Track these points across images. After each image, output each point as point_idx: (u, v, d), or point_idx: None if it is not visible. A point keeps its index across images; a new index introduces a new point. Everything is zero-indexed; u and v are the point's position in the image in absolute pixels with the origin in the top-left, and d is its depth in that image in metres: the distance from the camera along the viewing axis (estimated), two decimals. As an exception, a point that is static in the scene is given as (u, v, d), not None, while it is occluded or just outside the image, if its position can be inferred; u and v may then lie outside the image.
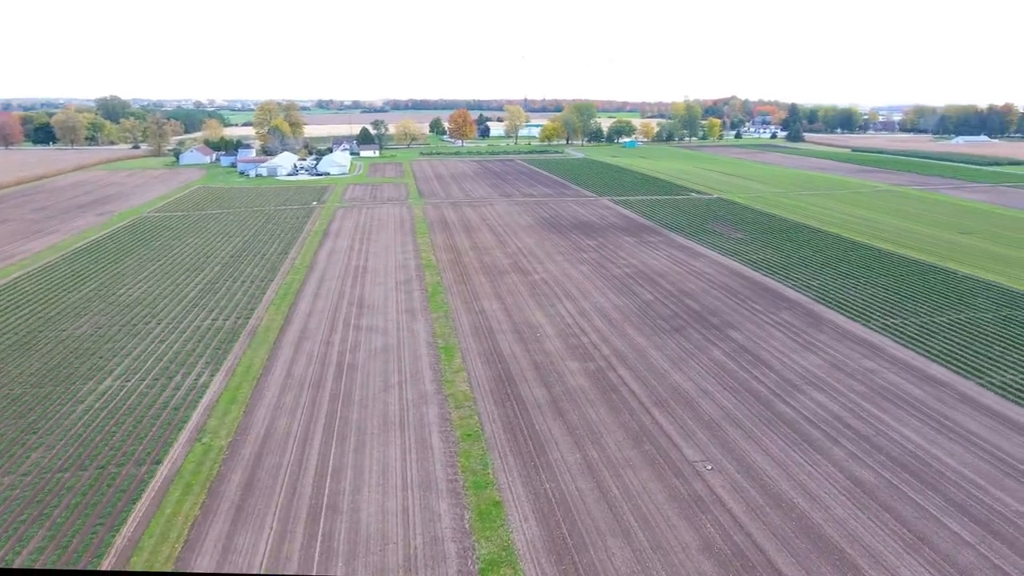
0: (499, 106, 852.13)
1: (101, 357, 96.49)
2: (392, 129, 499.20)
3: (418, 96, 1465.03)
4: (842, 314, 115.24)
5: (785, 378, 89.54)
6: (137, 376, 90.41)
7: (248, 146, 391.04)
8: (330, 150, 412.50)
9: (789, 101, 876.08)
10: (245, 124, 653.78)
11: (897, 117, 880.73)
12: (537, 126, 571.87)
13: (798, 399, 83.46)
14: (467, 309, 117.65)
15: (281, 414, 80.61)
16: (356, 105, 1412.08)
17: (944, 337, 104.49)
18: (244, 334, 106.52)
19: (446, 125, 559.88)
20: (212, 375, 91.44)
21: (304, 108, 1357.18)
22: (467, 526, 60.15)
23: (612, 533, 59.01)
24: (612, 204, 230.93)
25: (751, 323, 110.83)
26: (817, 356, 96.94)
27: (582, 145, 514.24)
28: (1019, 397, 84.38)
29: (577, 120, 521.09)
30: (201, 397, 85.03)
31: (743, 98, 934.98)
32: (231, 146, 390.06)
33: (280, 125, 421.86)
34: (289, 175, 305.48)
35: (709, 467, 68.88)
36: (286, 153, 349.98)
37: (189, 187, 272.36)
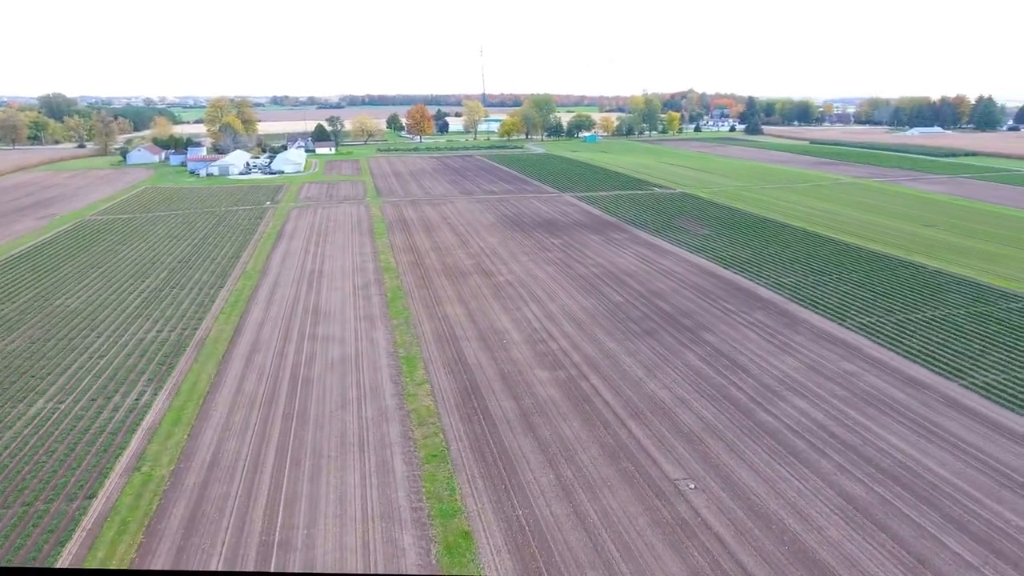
0: (457, 101, 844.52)
1: (34, 376, 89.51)
2: (348, 125, 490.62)
3: (375, 92, 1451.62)
4: (817, 313, 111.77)
5: (764, 383, 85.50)
6: (72, 397, 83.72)
7: (199, 144, 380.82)
8: (284, 147, 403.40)
9: (745, 94, 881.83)
10: (197, 121, 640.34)
11: (851, 109, 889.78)
12: (496, 121, 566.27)
13: (779, 406, 79.41)
14: (429, 315, 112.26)
15: (229, 436, 74.69)
16: (312, 101, 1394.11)
17: (921, 336, 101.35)
18: (191, 347, 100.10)
19: (404, 121, 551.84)
20: (155, 394, 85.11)
21: (258, 105, 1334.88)
22: (434, 561, 55.00)
23: (592, 565, 54.22)
24: (575, 200, 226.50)
25: (725, 324, 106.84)
26: (795, 359, 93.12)
27: (542, 140, 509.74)
28: (1004, 399, 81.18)
29: (536, 115, 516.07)
30: (142, 419, 78.74)
31: (700, 91, 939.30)
32: (181, 144, 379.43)
33: (232, 122, 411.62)
34: (242, 174, 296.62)
35: (692, 485, 64.42)
36: (238, 151, 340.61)
37: (136, 188, 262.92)
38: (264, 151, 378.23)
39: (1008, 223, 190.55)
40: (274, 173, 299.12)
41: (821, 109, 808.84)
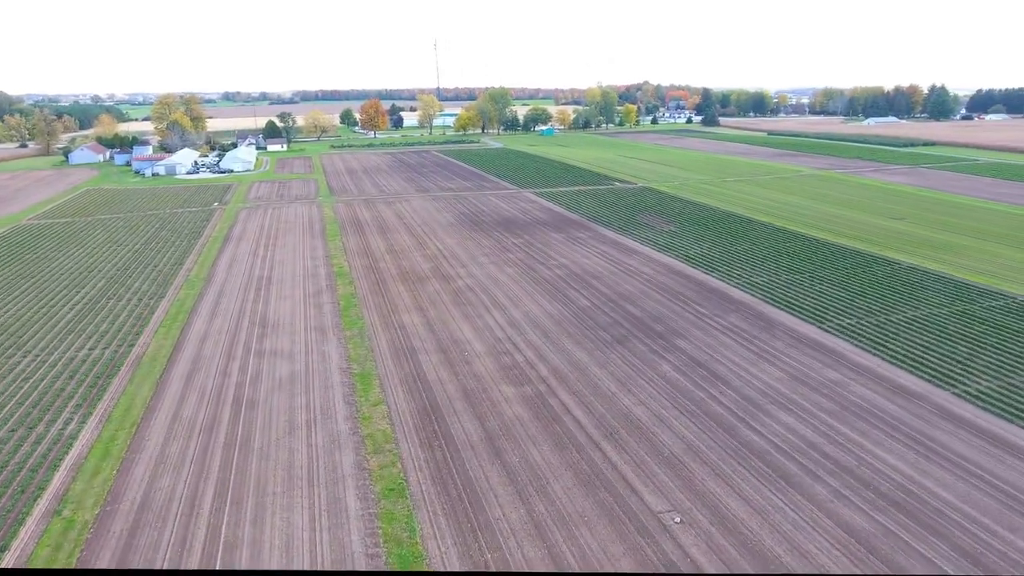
0: (412, 95, 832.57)
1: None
2: (301, 121, 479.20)
3: (328, 87, 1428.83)
4: (794, 315, 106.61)
5: (746, 396, 79.83)
6: (-12, 429, 75.43)
7: (145, 143, 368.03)
8: (235, 145, 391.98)
9: (700, 86, 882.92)
10: (146, 119, 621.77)
11: (805, 100, 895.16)
12: (452, 115, 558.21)
13: (764, 423, 73.72)
14: (385, 324, 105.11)
15: (164, 471, 67.10)
16: (264, 97, 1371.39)
17: (905, 339, 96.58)
18: (126, 366, 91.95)
19: (357, 116, 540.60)
20: (83, 422, 77.10)
21: (209, 101, 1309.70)
22: (392, 622, 48.29)
23: (572, 622, 47.90)
24: (535, 197, 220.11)
25: (698, 330, 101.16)
26: (776, 367, 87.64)
27: (498, 134, 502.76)
28: (1001, 409, 76.35)
29: (492, 108, 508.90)
30: (67, 452, 70.81)
31: (655, 83, 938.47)
32: (126, 143, 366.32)
33: (180, 119, 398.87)
34: (189, 173, 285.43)
35: (677, 519, 58.33)
36: (186, 149, 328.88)
37: (77, 189, 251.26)
38: (213, 149, 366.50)
39: (973, 214, 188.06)
40: (223, 172, 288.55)
41: (776, 100, 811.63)
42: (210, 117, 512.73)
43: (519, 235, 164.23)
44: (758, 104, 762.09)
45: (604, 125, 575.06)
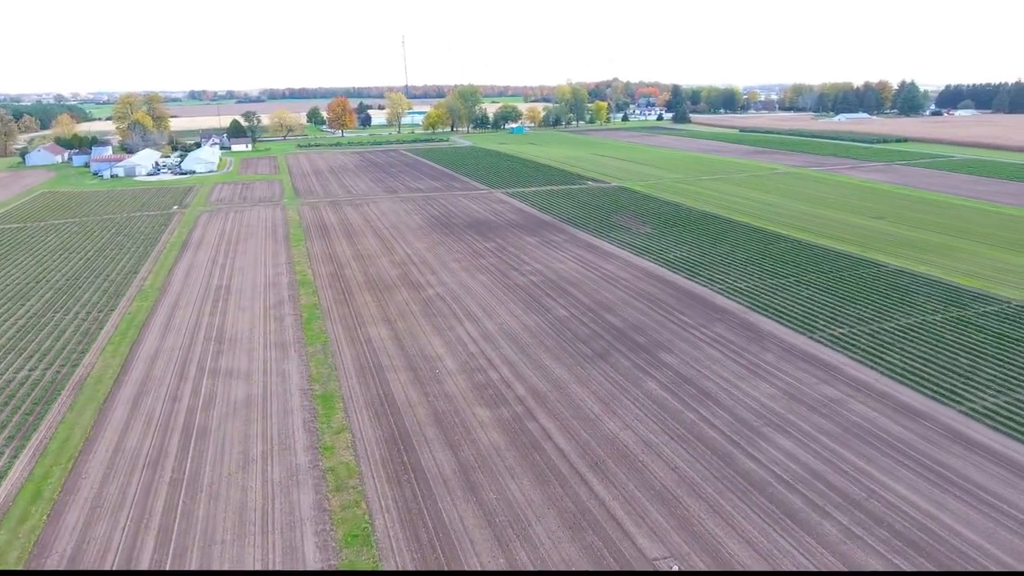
0: (380, 93, 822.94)
1: None
2: (267, 120, 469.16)
3: (296, 85, 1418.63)
4: (782, 324, 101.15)
5: (739, 417, 74.06)
6: (-96, 468, 67.78)
7: (106, 143, 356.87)
8: (198, 145, 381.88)
9: (669, 82, 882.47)
10: (109, 118, 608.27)
11: (775, 96, 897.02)
12: (420, 113, 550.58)
13: (762, 448, 67.95)
14: (350, 339, 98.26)
15: (100, 517, 59.94)
16: (231, 95, 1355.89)
17: (901, 349, 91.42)
18: (68, 389, 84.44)
19: (325, 115, 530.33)
20: (15, 456, 69.70)
21: (174, 100, 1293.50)
22: None
23: None
24: (506, 197, 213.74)
25: (683, 341, 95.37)
26: (768, 384, 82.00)
27: (468, 132, 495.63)
28: (1013, 429, 71.15)
29: (462, 106, 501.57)
30: (-8, 494, 63.40)
31: (625, 80, 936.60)
32: (86, 143, 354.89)
33: (141, 119, 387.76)
34: (149, 175, 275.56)
35: (675, 567, 52.31)
36: (147, 150, 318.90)
37: (31, 193, 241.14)
38: (175, 149, 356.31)
39: (953, 212, 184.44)
40: (185, 173, 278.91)
41: (746, 97, 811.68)
42: (174, 116, 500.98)
43: (491, 238, 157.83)
44: (728, 101, 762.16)
45: (575, 122, 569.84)
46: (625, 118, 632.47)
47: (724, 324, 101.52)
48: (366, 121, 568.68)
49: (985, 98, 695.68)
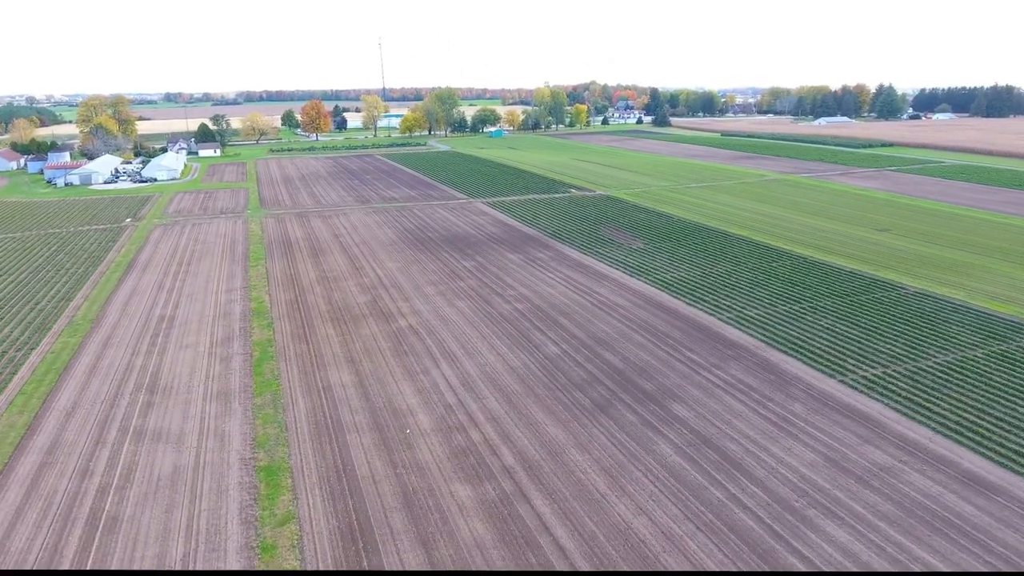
0: (359, 96, 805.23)
1: None
2: (238, 124, 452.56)
3: (274, 87, 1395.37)
4: (806, 363, 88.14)
5: (776, 496, 60.73)
6: None
7: (66, 148, 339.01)
8: (165, 150, 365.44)
9: (645, 85, 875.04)
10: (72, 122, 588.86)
11: (752, 100, 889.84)
12: (397, 116, 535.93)
13: (811, 543, 54.61)
14: (306, 386, 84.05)
15: (-39, 654, 45.69)
16: (207, 98, 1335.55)
17: (948, 395, 78.64)
18: (-40, 456, 69.72)
19: (299, 118, 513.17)
20: None
21: (150, 102, 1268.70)
22: None
23: None
24: (487, 208, 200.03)
25: (696, 387, 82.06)
26: (803, 445, 68.83)
27: (446, 136, 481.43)
28: (1109, 508, 58.32)
29: (439, 109, 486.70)
30: None
31: (602, 83, 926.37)
32: (43, 148, 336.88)
33: (105, 123, 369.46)
34: (107, 183, 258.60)
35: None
36: (107, 156, 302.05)
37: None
38: (138, 155, 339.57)
39: (956, 224, 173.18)
40: (145, 181, 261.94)
41: (724, 100, 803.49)
42: (140, 119, 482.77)
43: (471, 256, 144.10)
44: (707, 104, 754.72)
45: (554, 126, 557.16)
46: (605, 121, 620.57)
47: (740, 364, 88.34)
48: (342, 124, 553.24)
49: (961, 101, 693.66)
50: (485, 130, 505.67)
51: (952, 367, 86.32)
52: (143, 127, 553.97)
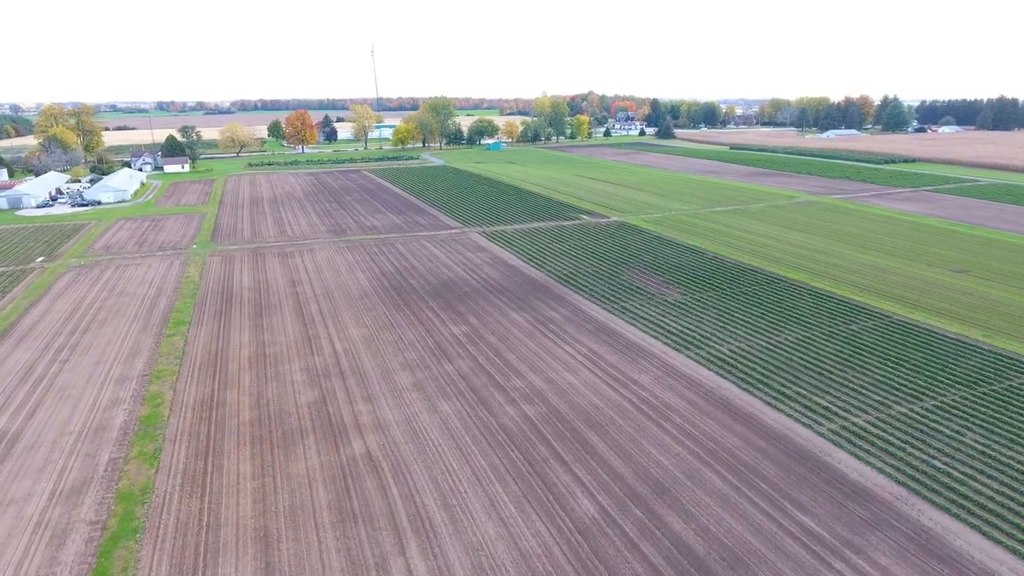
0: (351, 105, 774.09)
1: None
2: (216, 135, 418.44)
3: (268, 96, 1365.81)
4: (970, 527, 55.65)
5: None
6: None
7: (15, 162, 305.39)
8: (128, 165, 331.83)
9: (643, 95, 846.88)
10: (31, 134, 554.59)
11: (752, 111, 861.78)
12: (390, 127, 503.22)
13: None
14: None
15: None
16: (201, 106, 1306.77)
17: None
18: None
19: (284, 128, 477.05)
20: None
21: (142, 111, 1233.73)
22: None
23: None
24: (484, 241, 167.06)
25: (829, 595, 49.45)
26: None
27: (441, 149, 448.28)
28: None
29: (434, 120, 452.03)
30: None
31: (600, 93, 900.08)
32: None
33: (61, 134, 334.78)
34: (40, 207, 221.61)
35: None
36: (51, 174, 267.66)
37: None
38: (93, 171, 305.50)
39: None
40: (87, 204, 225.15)
41: (725, 111, 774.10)
42: (106, 129, 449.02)
43: (463, 316, 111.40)
44: (709, 115, 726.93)
45: (555, 138, 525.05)
46: (607, 133, 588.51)
47: (884, 537, 55.71)
48: (332, 136, 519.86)
49: (964, 113, 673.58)
50: (482, 142, 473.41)
51: None
52: (118, 138, 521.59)
